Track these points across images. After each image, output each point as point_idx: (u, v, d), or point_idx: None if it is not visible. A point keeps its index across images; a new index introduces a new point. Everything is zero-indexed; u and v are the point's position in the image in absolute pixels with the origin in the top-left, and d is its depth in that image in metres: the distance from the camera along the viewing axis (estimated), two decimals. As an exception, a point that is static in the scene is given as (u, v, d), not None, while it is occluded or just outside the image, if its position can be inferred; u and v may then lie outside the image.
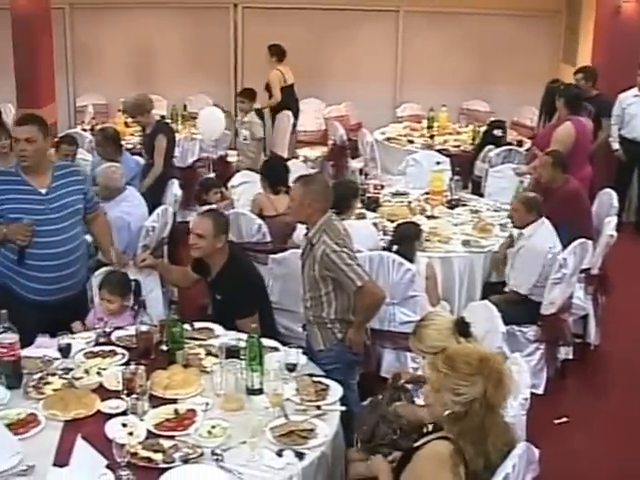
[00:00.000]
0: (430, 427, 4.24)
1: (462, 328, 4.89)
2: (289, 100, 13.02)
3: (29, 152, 5.97)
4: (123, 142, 9.83)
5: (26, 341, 5.31)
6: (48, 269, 6.00)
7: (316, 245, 5.66)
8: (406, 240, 7.06)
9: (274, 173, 8.20)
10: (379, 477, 4.27)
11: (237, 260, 6.35)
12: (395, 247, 7.05)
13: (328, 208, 5.85)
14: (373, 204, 8.51)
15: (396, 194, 9.10)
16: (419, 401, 5.02)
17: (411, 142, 11.70)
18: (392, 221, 7.99)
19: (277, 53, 13.10)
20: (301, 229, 6.81)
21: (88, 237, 6.57)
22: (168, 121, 11.05)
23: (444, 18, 13.69)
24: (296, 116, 12.97)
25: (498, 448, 3.89)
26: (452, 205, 8.73)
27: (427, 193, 9.00)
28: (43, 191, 6.03)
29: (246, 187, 8.83)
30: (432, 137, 11.86)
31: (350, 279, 5.56)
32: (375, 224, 7.83)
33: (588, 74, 10.68)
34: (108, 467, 4.08)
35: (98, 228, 6.57)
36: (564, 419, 6.79)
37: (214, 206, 8.20)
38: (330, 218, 5.82)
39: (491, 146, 10.61)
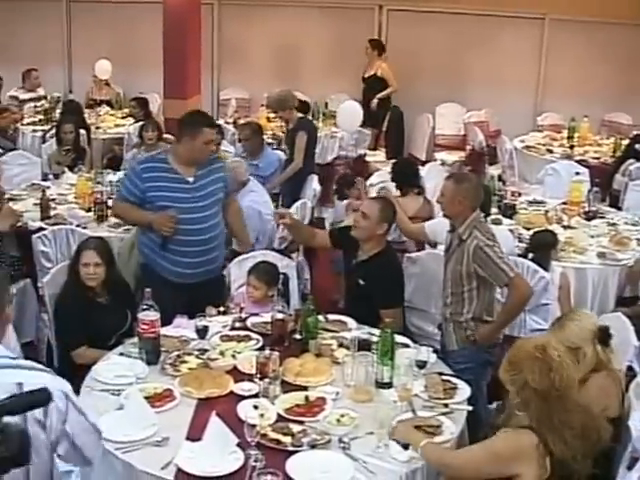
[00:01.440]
0: None
1: (604, 336, 4.87)
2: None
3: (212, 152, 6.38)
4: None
5: (164, 320, 5.49)
6: (191, 254, 6.21)
7: (467, 240, 5.69)
8: (542, 248, 7.03)
9: (403, 175, 8.22)
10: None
11: (391, 252, 6.42)
12: (531, 255, 7.03)
13: (477, 206, 5.90)
14: (510, 210, 8.48)
15: (533, 202, 9.04)
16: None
17: (550, 151, 11.56)
18: (528, 229, 7.97)
19: (378, 47, 13.24)
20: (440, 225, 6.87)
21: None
22: (310, 118, 11.20)
23: (590, 27, 13.42)
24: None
25: (576, 433, 3.98)
26: (589, 216, 8.63)
27: (564, 203, 8.91)
28: (190, 180, 6.24)
29: (384, 186, 8.87)
30: (572, 147, 11.68)
31: (503, 271, 5.59)
32: (511, 231, 7.80)
33: None
34: (238, 445, 4.21)
35: (232, 215, 6.75)
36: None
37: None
38: (480, 216, 5.88)
39: (632, 160, 10.42)
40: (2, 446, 2.30)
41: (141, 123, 10.79)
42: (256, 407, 4.57)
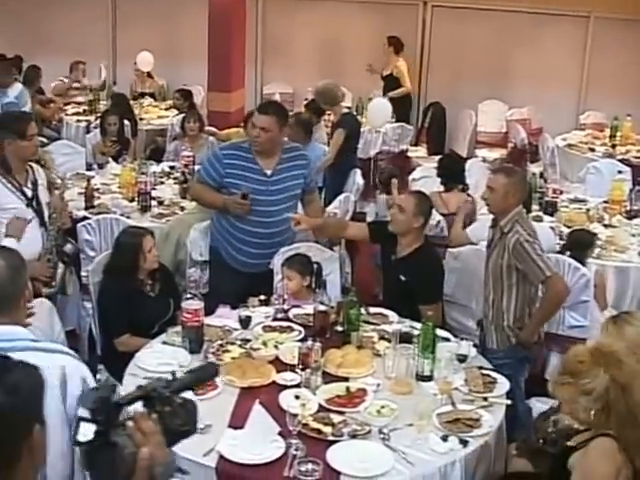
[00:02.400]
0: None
1: None
2: None
3: (261, 139, 6.32)
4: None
5: (224, 301, 5.74)
6: (256, 245, 6.36)
7: (509, 234, 5.71)
8: (579, 247, 7.02)
9: (448, 171, 8.21)
10: None
11: (431, 248, 6.46)
12: (567, 252, 7.03)
13: (523, 200, 5.95)
14: (551, 208, 8.47)
15: (574, 200, 9.02)
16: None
17: (592, 150, 11.51)
18: (569, 227, 7.96)
19: (396, 44, 13.20)
20: (480, 225, 6.89)
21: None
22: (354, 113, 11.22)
23: (635, 26, 13.27)
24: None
25: None
26: (631, 215, 8.59)
27: (606, 202, 8.88)
28: (268, 172, 6.35)
29: (426, 181, 8.89)
30: (614, 146, 11.63)
31: (540, 268, 5.61)
32: (552, 228, 7.79)
33: None
34: (280, 434, 4.27)
35: (312, 210, 6.82)
36: None
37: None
38: (522, 211, 5.91)
39: (675, 159, 10.39)
40: (182, 420, 2.40)
41: (182, 115, 10.89)
42: (298, 397, 4.62)
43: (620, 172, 9.58)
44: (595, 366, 3.94)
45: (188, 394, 2.44)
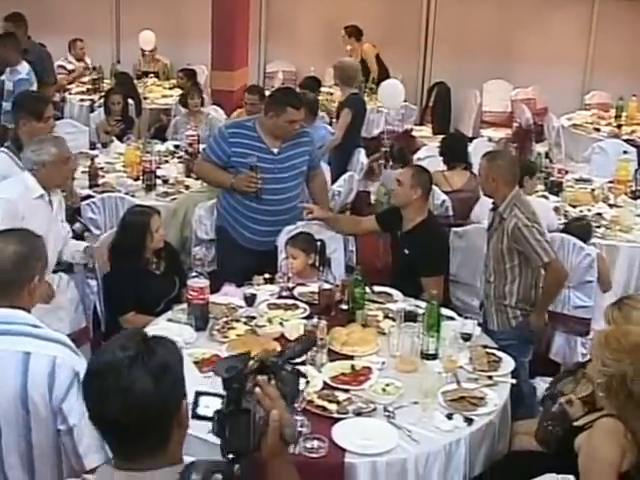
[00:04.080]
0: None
1: None
2: None
3: (296, 130, 6.50)
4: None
5: (232, 282, 5.74)
6: (264, 223, 6.41)
7: (507, 218, 5.73)
8: (576, 237, 6.98)
9: (451, 150, 8.20)
10: None
11: (434, 222, 6.53)
12: None
13: (515, 183, 5.94)
14: (556, 188, 8.47)
15: (579, 180, 9.02)
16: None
17: (597, 130, 11.50)
18: (574, 206, 8.00)
19: (354, 33, 13.01)
20: (482, 206, 6.89)
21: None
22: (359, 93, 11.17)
23: (640, 5, 13.33)
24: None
25: None
26: (636, 196, 8.58)
27: (611, 182, 8.87)
28: (275, 151, 6.40)
29: (431, 161, 8.88)
30: (619, 126, 11.61)
31: (537, 254, 5.64)
32: (557, 208, 7.80)
33: None
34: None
35: (317, 186, 6.92)
36: None
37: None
38: (519, 193, 5.90)
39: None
40: (290, 386, 2.62)
41: (181, 92, 11.01)
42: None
43: (625, 152, 9.57)
44: (624, 354, 3.97)
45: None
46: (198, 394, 2.48)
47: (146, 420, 2.37)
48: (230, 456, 2.46)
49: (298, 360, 2.83)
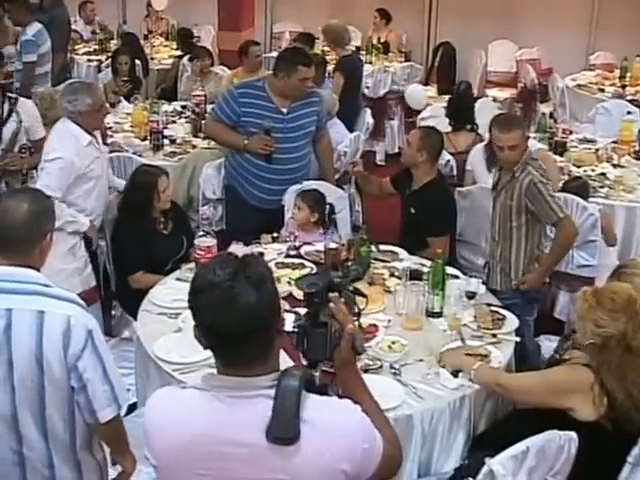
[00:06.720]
0: None
1: None
2: None
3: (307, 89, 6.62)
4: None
5: (243, 241, 5.80)
6: (275, 182, 6.49)
7: (520, 175, 5.73)
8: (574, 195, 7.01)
9: (457, 111, 8.20)
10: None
11: (442, 183, 6.61)
12: None
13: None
14: (560, 148, 8.49)
15: (583, 140, 9.04)
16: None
17: (602, 90, 11.47)
18: (578, 166, 8.03)
19: (385, 16, 13.10)
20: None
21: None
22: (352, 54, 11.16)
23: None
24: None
25: None
26: (639, 156, 8.63)
27: (615, 142, 8.88)
28: (284, 110, 6.47)
29: (435, 120, 8.90)
30: (624, 87, 11.57)
31: (553, 210, 5.65)
32: (561, 168, 7.83)
33: None
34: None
35: (322, 147, 7.00)
36: None
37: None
38: (531, 153, 5.95)
39: (684, 99, 10.34)
40: (351, 306, 2.99)
41: (189, 55, 11.06)
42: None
43: (629, 113, 9.56)
44: (620, 312, 4.01)
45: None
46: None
47: (254, 328, 2.54)
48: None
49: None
